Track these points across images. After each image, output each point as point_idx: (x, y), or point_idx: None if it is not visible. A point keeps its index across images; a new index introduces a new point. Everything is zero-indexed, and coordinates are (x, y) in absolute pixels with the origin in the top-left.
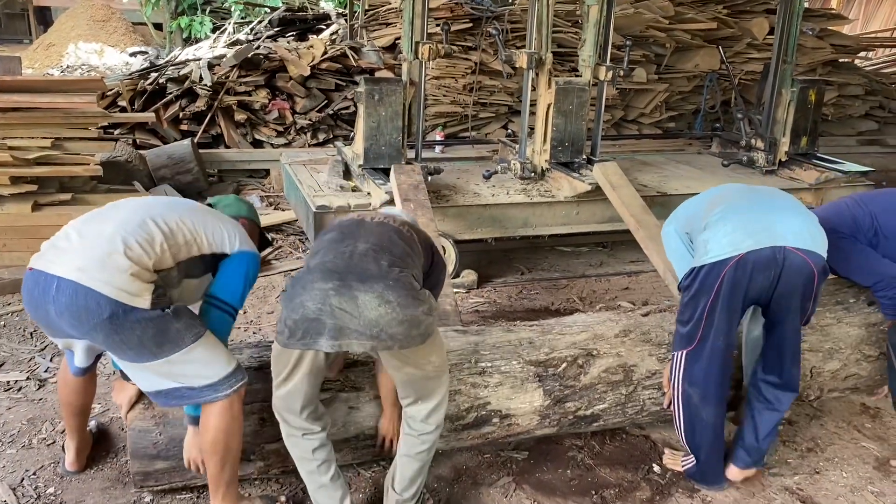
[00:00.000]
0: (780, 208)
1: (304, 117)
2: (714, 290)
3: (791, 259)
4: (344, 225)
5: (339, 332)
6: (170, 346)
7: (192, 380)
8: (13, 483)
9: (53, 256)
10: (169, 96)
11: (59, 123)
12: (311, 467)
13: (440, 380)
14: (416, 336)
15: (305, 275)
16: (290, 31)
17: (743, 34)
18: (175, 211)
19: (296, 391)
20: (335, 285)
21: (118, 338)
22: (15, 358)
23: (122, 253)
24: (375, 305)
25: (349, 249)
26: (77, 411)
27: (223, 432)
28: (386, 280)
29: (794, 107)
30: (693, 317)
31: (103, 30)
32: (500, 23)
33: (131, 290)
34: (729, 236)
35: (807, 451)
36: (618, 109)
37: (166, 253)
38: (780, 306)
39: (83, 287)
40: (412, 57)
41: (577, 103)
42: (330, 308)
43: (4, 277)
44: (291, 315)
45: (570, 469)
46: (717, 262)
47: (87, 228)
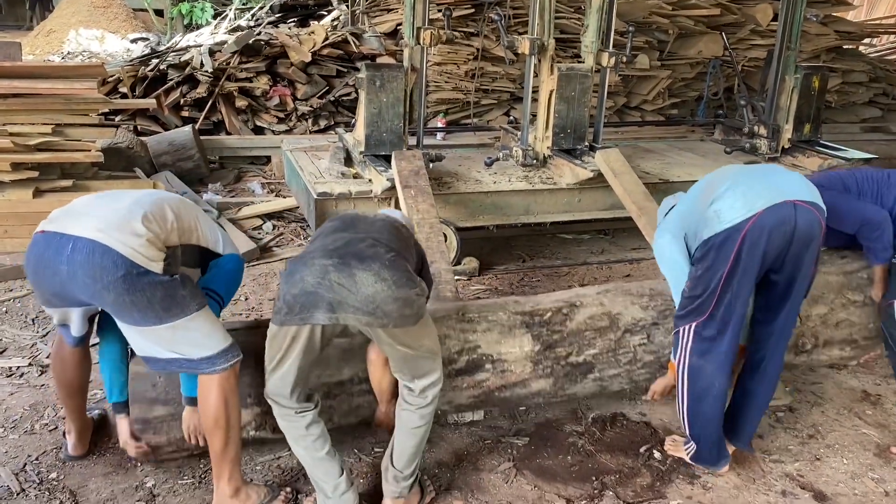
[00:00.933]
0: (777, 172)
1: (305, 104)
2: (732, 255)
3: (802, 211)
4: (346, 217)
5: (337, 306)
6: (176, 310)
7: (192, 350)
8: (16, 468)
9: (69, 220)
10: (170, 83)
11: (60, 110)
12: (306, 443)
13: (434, 361)
14: (410, 316)
15: (305, 254)
16: (292, 17)
17: (746, 20)
18: (178, 201)
19: (289, 373)
20: (335, 262)
21: (129, 298)
22: (17, 344)
23: (139, 221)
24: (372, 282)
25: (349, 235)
26: (75, 390)
27: (223, 406)
28: (382, 261)
29: (797, 94)
30: (707, 288)
31: (104, 16)
32: (503, 8)
33: (147, 255)
34: (741, 200)
35: (808, 438)
36: (620, 96)
37: (174, 231)
38: (797, 259)
39: (101, 245)
40: (414, 43)
41: (579, 90)
42: (329, 282)
43: (6, 263)
44: (290, 290)
45: (571, 455)
46: (734, 226)
47: (104, 200)
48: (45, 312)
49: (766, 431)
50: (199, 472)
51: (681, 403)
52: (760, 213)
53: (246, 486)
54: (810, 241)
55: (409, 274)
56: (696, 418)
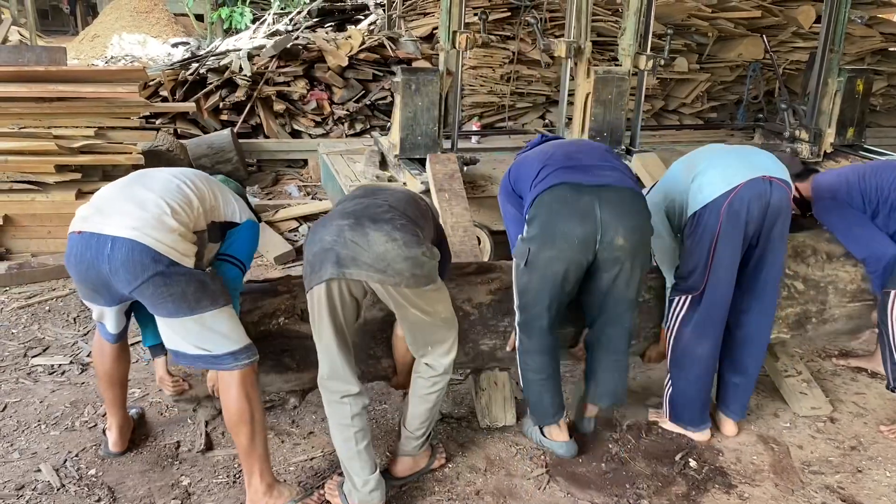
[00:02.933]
0: (752, 152)
1: (341, 107)
2: (717, 226)
3: (775, 186)
4: (368, 187)
5: (350, 261)
6: (207, 301)
7: (216, 345)
8: (56, 464)
9: (103, 220)
10: (209, 86)
11: (103, 113)
12: (347, 434)
13: (448, 330)
14: (421, 277)
15: (326, 218)
16: (329, 21)
17: (788, 23)
18: (199, 178)
19: (330, 345)
20: (350, 223)
21: (165, 290)
22: (59, 342)
23: (170, 215)
24: (383, 241)
25: (367, 201)
26: (115, 381)
27: (246, 401)
28: (394, 223)
29: (840, 97)
30: (699, 262)
31: (146, 21)
32: (539, 11)
33: (180, 250)
34: (720, 175)
35: (849, 450)
36: (658, 99)
37: (201, 216)
38: (770, 233)
39: (139, 244)
40: (450, 46)
41: (616, 93)
42: (343, 239)
43: (49, 263)
44: (312, 249)
45: (605, 462)
46: (716, 199)
47: (131, 194)
48: (86, 312)
49: (805, 442)
50: (234, 471)
51: (669, 366)
52: (740, 187)
53: (278, 484)
54: (781, 215)
55: (420, 238)
56: (679, 380)
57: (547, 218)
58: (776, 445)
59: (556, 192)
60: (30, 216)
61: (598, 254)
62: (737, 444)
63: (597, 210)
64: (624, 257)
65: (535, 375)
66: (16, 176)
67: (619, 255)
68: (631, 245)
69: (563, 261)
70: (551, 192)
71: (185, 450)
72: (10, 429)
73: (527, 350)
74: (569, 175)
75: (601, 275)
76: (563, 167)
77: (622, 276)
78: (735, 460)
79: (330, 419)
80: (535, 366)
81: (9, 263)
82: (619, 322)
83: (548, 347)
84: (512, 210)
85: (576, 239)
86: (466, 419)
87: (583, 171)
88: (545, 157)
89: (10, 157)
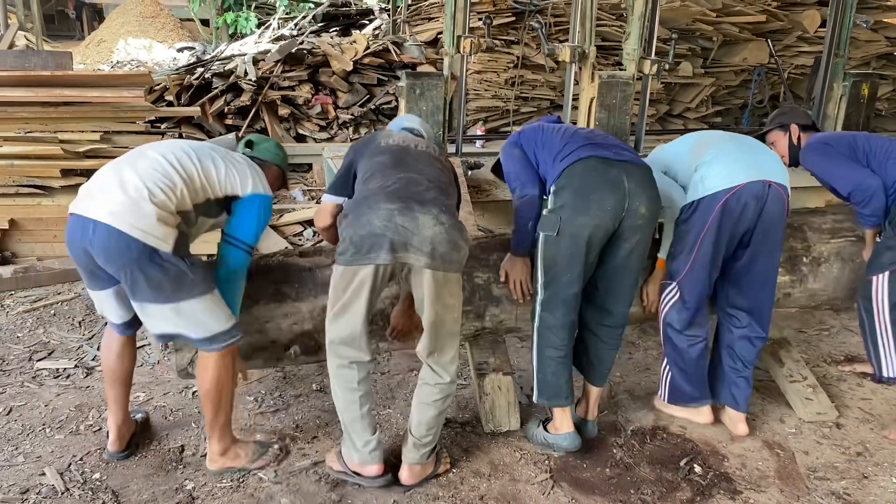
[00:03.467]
0: (758, 150)
1: (346, 112)
2: (710, 219)
3: (773, 191)
4: (392, 150)
5: (401, 247)
6: (184, 292)
7: (193, 329)
8: (61, 468)
9: (89, 202)
10: (214, 91)
11: (108, 117)
12: (353, 397)
13: (456, 335)
14: (456, 260)
15: (369, 197)
16: (334, 26)
17: (793, 27)
18: (192, 157)
19: (356, 315)
20: (399, 206)
21: (142, 276)
22: (64, 346)
23: (147, 200)
24: (432, 224)
25: (405, 176)
26: (117, 379)
27: (216, 382)
28: (440, 206)
29: (845, 101)
30: (685, 247)
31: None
32: (543, 16)
33: (157, 234)
34: (725, 170)
35: (855, 455)
36: (663, 104)
37: (186, 197)
38: (764, 236)
39: (115, 229)
40: (454, 51)
41: (620, 97)
42: (395, 225)
43: (54, 267)
44: (358, 231)
45: (609, 467)
46: (716, 193)
47: (117, 176)
48: (91, 316)
49: (811, 447)
50: (238, 475)
51: (663, 348)
52: (739, 187)
53: (234, 446)
54: (775, 220)
55: (459, 221)
56: (674, 362)
57: (581, 185)
58: (782, 451)
59: (588, 164)
60: (35, 220)
61: (623, 221)
62: (742, 449)
63: (625, 181)
64: (643, 226)
65: (555, 353)
66: (22, 180)
67: (640, 223)
68: (650, 214)
69: (594, 227)
70: (584, 164)
71: (189, 454)
72: (15, 432)
73: (549, 326)
74: (596, 150)
75: (620, 244)
76: (588, 144)
77: (639, 246)
78: (740, 466)
79: (334, 381)
80: (556, 342)
81: (14, 267)
82: (625, 296)
83: (570, 323)
84: (517, 165)
85: (608, 206)
86: (470, 424)
87: (605, 148)
88: (566, 136)
89: (16, 161)
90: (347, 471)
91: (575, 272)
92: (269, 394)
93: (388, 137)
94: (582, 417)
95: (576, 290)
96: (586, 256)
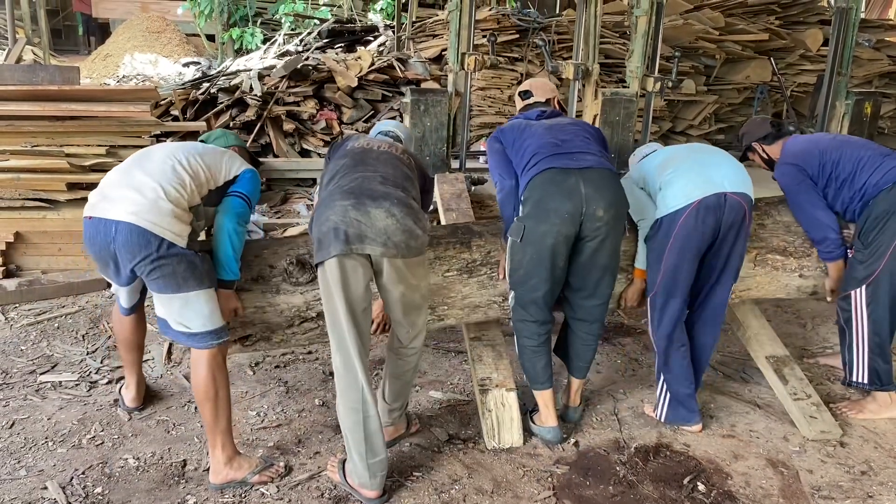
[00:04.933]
0: (716, 163)
1: (350, 127)
2: (673, 235)
3: (730, 201)
4: (355, 153)
5: (356, 238)
6: (193, 282)
7: (195, 323)
8: (63, 482)
9: (108, 205)
10: (220, 106)
11: (115, 132)
12: (356, 418)
13: (423, 310)
14: (414, 247)
15: (328, 197)
16: (339, 42)
17: (796, 45)
18: (191, 154)
19: (342, 322)
20: (353, 202)
21: (158, 269)
22: (67, 359)
23: (164, 199)
24: (383, 217)
25: (361, 175)
26: (133, 346)
27: (211, 379)
28: (391, 199)
29: (848, 120)
30: (656, 264)
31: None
32: (547, 34)
33: (175, 230)
34: (682, 190)
35: (860, 475)
36: (666, 121)
37: (194, 192)
38: (722, 246)
39: (137, 227)
40: (458, 68)
41: (623, 114)
42: (349, 219)
43: (59, 280)
44: (320, 228)
45: (613, 485)
46: (676, 211)
47: (130, 180)
48: (94, 329)
49: (815, 466)
50: (240, 490)
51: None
52: (695, 204)
53: (238, 457)
54: (736, 227)
55: (413, 210)
56: (668, 382)
57: (540, 197)
58: (785, 469)
59: (547, 175)
60: (41, 233)
61: (582, 224)
62: (746, 467)
63: (581, 188)
64: (604, 227)
65: (529, 342)
66: (27, 193)
67: (600, 226)
68: (609, 216)
69: (555, 234)
70: (542, 176)
71: (191, 468)
72: (18, 446)
73: (522, 319)
74: (556, 161)
75: (585, 244)
76: (552, 154)
77: (604, 245)
78: (744, 484)
79: (339, 400)
80: (529, 333)
81: (19, 280)
82: (597, 292)
83: (542, 319)
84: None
85: (565, 213)
86: (473, 440)
87: (568, 156)
88: (536, 142)
89: (22, 174)
90: (345, 483)
91: (541, 276)
92: (272, 409)
93: (355, 141)
94: (565, 404)
95: (543, 292)
96: (551, 261)
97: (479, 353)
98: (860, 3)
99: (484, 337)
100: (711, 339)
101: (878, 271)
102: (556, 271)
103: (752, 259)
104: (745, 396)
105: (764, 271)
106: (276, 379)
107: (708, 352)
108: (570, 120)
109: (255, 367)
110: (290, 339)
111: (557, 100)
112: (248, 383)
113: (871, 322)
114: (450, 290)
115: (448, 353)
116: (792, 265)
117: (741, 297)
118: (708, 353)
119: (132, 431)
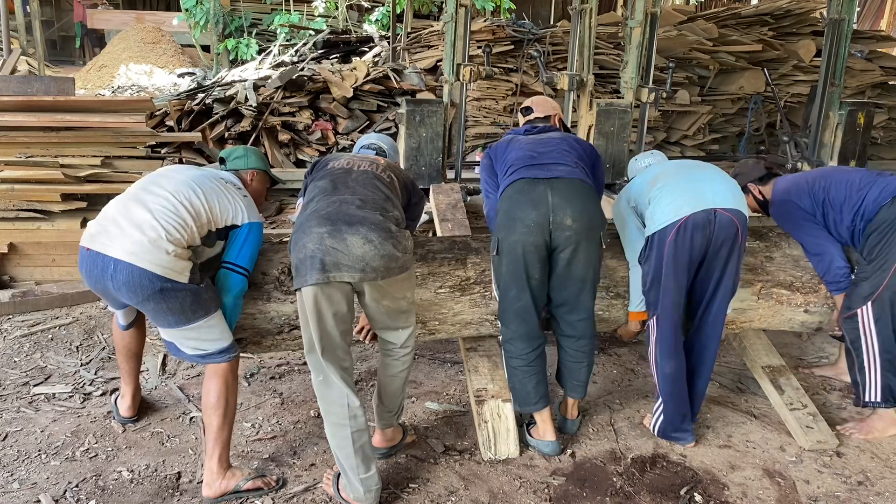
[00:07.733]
0: (707, 179)
1: (346, 138)
2: (664, 252)
3: (720, 217)
4: (336, 174)
5: (333, 266)
6: (201, 312)
7: (210, 345)
8: (56, 495)
9: (107, 240)
10: (215, 116)
11: (109, 142)
12: (344, 433)
13: (411, 312)
14: (395, 268)
15: (304, 222)
16: (334, 53)
17: (789, 56)
18: (197, 193)
19: (320, 345)
20: (329, 229)
21: (164, 305)
22: (61, 371)
23: (165, 239)
24: (361, 244)
25: (338, 199)
26: (130, 355)
27: (226, 390)
28: (368, 224)
29: (841, 130)
30: (653, 283)
31: (153, 52)
32: (542, 45)
33: (175, 269)
34: (670, 206)
35: (856, 485)
36: (660, 131)
37: (195, 232)
38: (713, 264)
39: (138, 268)
40: (453, 79)
41: (618, 125)
42: (325, 247)
43: (53, 291)
44: (297, 255)
45: (609, 496)
46: (665, 228)
47: (131, 215)
48: (88, 340)
49: (811, 476)
50: (235, 502)
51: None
52: (685, 220)
53: (232, 468)
54: (728, 244)
55: (391, 234)
56: (666, 401)
57: (509, 207)
58: (782, 480)
59: (516, 186)
60: (35, 244)
61: (552, 233)
62: (742, 478)
63: (549, 197)
64: (574, 237)
65: (517, 362)
66: (22, 204)
67: (570, 235)
68: (578, 226)
69: (523, 243)
70: (512, 187)
71: (185, 480)
72: (11, 458)
73: (508, 339)
74: (528, 171)
75: (558, 255)
76: (525, 165)
77: (577, 256)
78: (741, 495)
79: (325, 418)
80: (516, 351)
81: (12, 291)
82: (578, 306)
83: (526, 334)
84: (484, 173)
85: (531, 222)
86: (469, 451)
87: (540, 167)
88: (515, 157)
89: (16, 185)
90: (340, 498)
91: (519, 285)
92: (267, 420)
93: (336, 161)
94: (563, 416)
95: (524, 303)
96: (525, 271)
97: (474, 364)
98: (852, 15)
99: (480, 348)
100: (710, 358)
101: (882, 286)
102: (532, 282)
103: (755, 292)
104: (742, 406)
105: (767, 304)
106: (271, 390)
107: (707, 372)
108: (560, 135)
109: (251, 378)
110: (279, 345)
111: (559, 117)
112: (243, 394)
113: (881, 339)
114: (441, 307)
115: (444, 364)
116: (798, 300)
117: (742, 328)
118: (707, 372)
119: (126, 443)
